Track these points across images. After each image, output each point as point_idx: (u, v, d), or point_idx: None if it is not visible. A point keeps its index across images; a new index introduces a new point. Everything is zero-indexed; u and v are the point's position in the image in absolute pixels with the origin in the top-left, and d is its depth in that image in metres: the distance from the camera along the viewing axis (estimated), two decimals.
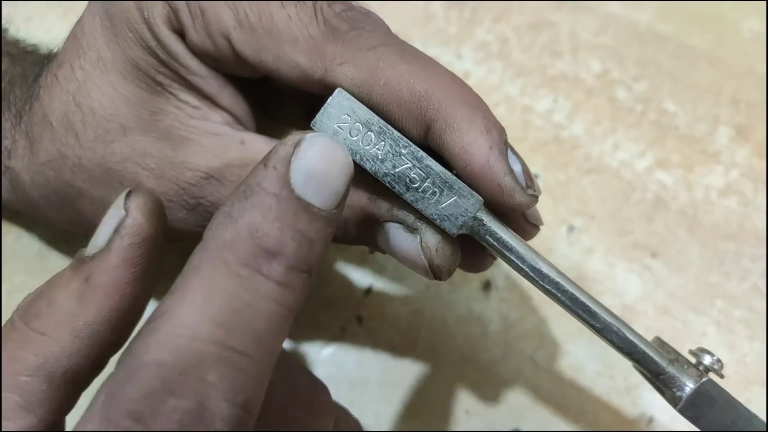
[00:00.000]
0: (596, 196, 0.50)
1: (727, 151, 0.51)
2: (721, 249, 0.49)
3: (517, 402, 0.45)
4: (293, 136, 0.25)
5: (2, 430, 0.25)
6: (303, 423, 0.31)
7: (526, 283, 0.47)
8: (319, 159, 0.24)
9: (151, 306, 0.28)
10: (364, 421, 0.44)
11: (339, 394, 0.45)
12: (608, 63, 0.54)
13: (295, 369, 0.33)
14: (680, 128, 0.52)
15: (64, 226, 0.39)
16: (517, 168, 0.29)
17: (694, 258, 0.48)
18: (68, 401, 0.27)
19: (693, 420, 0.29)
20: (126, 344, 0.27)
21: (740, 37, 0.55)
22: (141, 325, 0.24)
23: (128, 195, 0.28)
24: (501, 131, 0.29)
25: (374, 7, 0.32)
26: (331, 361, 0.46)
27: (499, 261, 0.47)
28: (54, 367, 0.26)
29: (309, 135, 0.25)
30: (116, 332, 0.28)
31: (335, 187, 0.25)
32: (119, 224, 0.27)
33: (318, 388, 0.34)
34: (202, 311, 0.23)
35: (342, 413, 0.37)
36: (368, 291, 0.47)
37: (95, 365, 0.28)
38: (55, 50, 0.36)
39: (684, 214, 0.50)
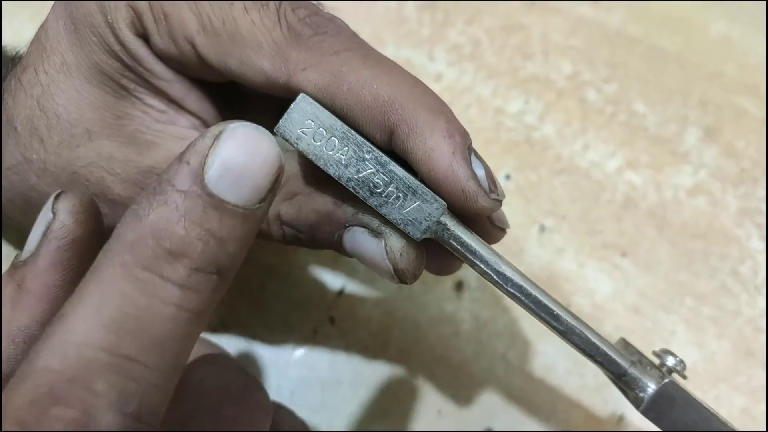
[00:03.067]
0: (567, 197, 0.50)
1: (696, 152, 0.52)
2: (690, 248, 0.49)
3: (489, 401, 0.46)
4: (216, 126, 0.24)
5: None
6: (237, 422, 0.31)
7: None
8: (238, 151, 0.23)
9: None
10: (337, 422, 0.45)
11: (311, 396, 0.45)
12: (579, 65, 0.54)
13: (228, 367, 0.33)
14: (649, 129, 0.52)
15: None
16: (480, 172, 0.29)
17: (664, 257, 0.49)
18: None
19: (655, 421, 0.29)
20: None
21: (708, 39, 0.55)
22: None
23: (57, 197, 0.27)
24: (464, 135, 0.29)
25: (347, 9, 0.32)
26: (303, 363, 0.46)
27: None
28: None
29: (231, 125, 0.23)
30: None
31: (256, 182, 0.23)
32: (47, 227, 0.27)
33: (252, 386, 0.33)
34: (95, 316, 0.22)
35: (284, 412, 0.37)
36: (341, 292, 0.47)
37: None
38: (20, 53, 0.35)
39: (653, 213, 0.50)
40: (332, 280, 0.48)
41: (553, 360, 0.46)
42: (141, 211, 0.23)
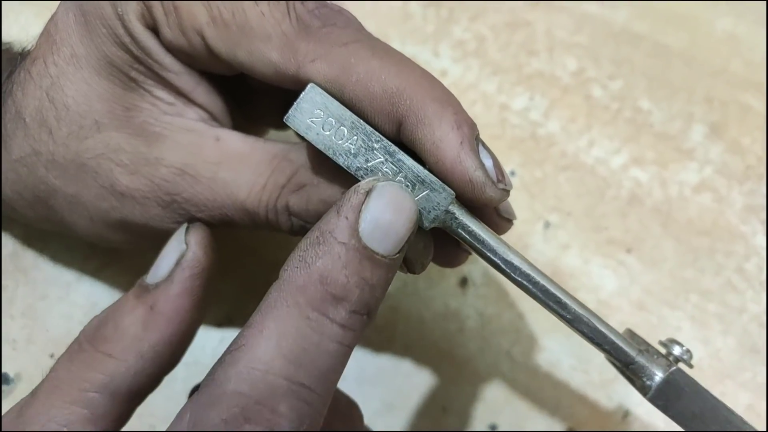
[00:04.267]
0: (572, 193, 0.50)
1: (701, 148, 0.52)
2: (695, 245, 0.49)
3: (493, 397, 0.46)
4: (366, 183, 0.27)
5: None
6: None
7: (502, 280, 0.47)
8: (387, 209, 0.27)
9: None
10: None
11: None
12: (584, 61, 0.54)
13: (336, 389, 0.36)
14: (655, 126, 0.52)
15: (39, 224, 0.39)
16: (488, 163, 0.29)
17: (669, 254, 0.49)
18: (127, 414, 0.30)
19: (662, 408, 0.29)
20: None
21: (714, 36, 0.55)
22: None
23: (187, 230, 0.32)
24: (472, 126, 0.29)
25: (352, 6, 0.32)
26: None
27: (476, 258, 0.48)
28: (120, 385, 0.29)
29: (380, 184, 0.27)
30: (175, 354, 0.31)
31: (399, 236, 0.27)
32: (180, 257, 0.31)
33: (352, 404, 0.36)
34: (276, 348, 0.25)
35: (342, 393, 0.39)
36: None
37: (154, 383, 0.31)
38: (29, 47, 0.35)
39: (658, 210, 0.50)
40: None
41: (558, 356, 0.46)
42: (308, 257, 0.26)
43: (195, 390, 0.28)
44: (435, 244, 0.31)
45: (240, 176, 0.32)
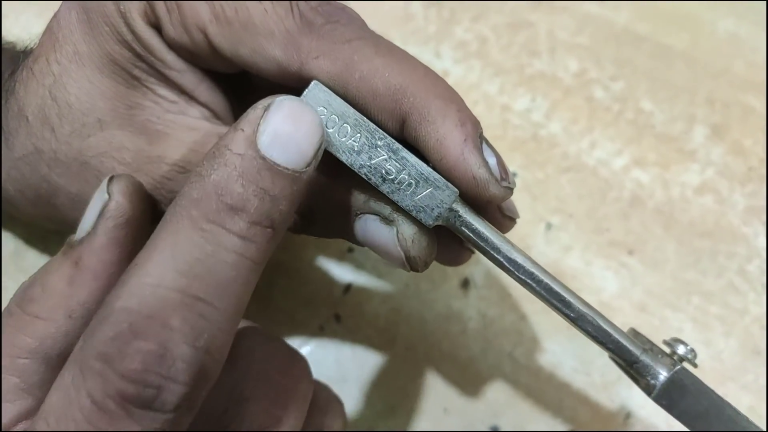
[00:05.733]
0: (574, 194, 0.50)
1: (703, 150, 0.52)
2: (697, 246, 0.49)
3: (495, 399, 0.45)
4: (265, 100, 0.27)
5: (2, 411, 0.27)
6: (285, 389, 0.32)
7: (504, 281, 0.47)
8: (285, 120, 0.26)
9: None
10: None
11: None
12: (586, 62, 0.54)
13: (272, 338, 0.34)
14: (656, 127, 0.52)
15: (40, 222, 0.39)
16: (491, 160, 0.29)
17: (670, 255, 0.49)
18: None
19: (667, 408, 0.29)
20: None
21: (716, 37, 0.56)
22: None
23: (110, 180, 0.29)
24: (475, 124, 0.29)
25: (353, 7, 0.32)
26: (309, 359, 0.45)
27: (479, 259, 0.48)
28: (50, 348, 0.28)
29: (279, 98, 0.26)
30: None
31: (302, 147, 0.26)
32: (103, 207, 0.29)
33: (296, 356, 0.34)
34: (168, 262, 0.24)
35: (319, 384, 0.38)
36: (347, 289, 0.47)
37: None
38: (31, 46, 0.35)
39: (660, 211, 0.50)
40: (339, 276, 0.48)
41: (560, 358, 0.46)
42: (203, 171, 0.25)
43: None
44: (438, 242, 0.31)
45: None
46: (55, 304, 0.28)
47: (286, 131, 0.26)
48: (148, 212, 0.31)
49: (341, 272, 0.48)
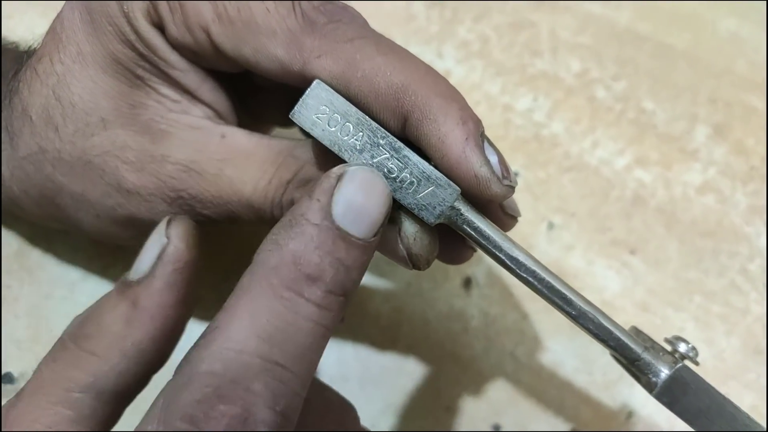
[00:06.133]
0: (576, 194, 0.50)
1: (705, 149, 0.52)
2: (699, 246, 0.49)
3: (497, 397, 0.46)
4: (338, 168, 0.27)
5: None
6: None
7: (506, 280, 0.48)
8: (359, 191, 0.27)
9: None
10: None
11: None
12: (587, 62, 0.54)
13: (329, 389, 0.35)
14: (658, 127, 0.52)
15: (44, 222, 0.39)
16: (493, 159, 0.29)
17: (672, 255, 0.49)
18: (114, 416, 0.30)
19: (668, 405, 0.29)
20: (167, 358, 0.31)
21: (718, 36, 0.56)
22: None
23: (169, 222, 0.30)
24: (477, 122, 0.29)
25: (355, 6, 0.32)
26: None
27: (481, 258, 0.48)
28: (104, 384, 0.28)
29: (352, 168, 0.27)
30: (160, 351, 0.30)
31: (373, 217, 0.27)
32: (161, 251, 0.30)
33: (347, 407, 0.35)
34: (249, 327, 0.25)
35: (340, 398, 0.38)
36: None
37: (140, 382, 0.30)
38: (35, 46, 0.36)
39: (662, 211, 0.50)
40: None
41: (562, 357, 0.46)
42: (281, 240, 0.26)
43: None
44: (440, 240, 0.31)
45: (245, 173, 0.32)
46: (111, 343, 0.29)
47: (359, 202, 0.27)
48: (202, 255, 0.31)
49: None
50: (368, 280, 0.48)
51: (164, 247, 0.30)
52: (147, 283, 0.29)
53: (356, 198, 0.27)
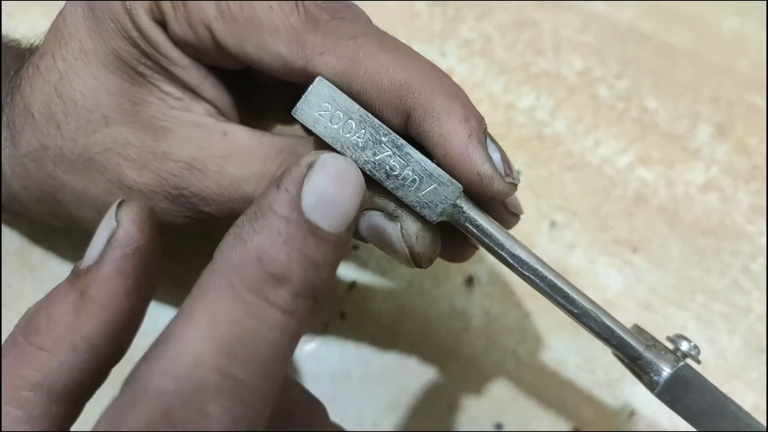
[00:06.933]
0: (578, 192, 0.50)
1: (707, 148, 0.52)
2: (701, 244, 0.49)
3: (499, 396, 0.45)
4: (308, 156, 0.25)
5: None
6: None
7: (508, 279, 0.47)
8: (331, 181, 0.24)
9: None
10: (347, 415, 0.44)
11: (321, 390, 0.45)
12: (590, 61, 0.54)
13: (294, 386, 0.33)
14: (661, 125, 0.52)
15: (46, 219, 0.39)
16: (495, 156, 0.29)
17: (675, 253, 0.49)
18: (70, 414, 0.27)
19: (670, 404, 0.29)
20: (122, 357, 0.28)
21: (720, 35, 0.55)
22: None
23: (119, 205, 0.27)
24: (480, 120, 0.29)
25: (358, 4, 0.32)
26: (313, 357, 0.46)
27: (483, 256, 0.48)
28: (54, 381, 0.26)
29: (323, 155, 0.25)
30: (115, 345, 0.27)
31: (346, 210, 0.25)
32: (111, 235, 0.27)
33: (315, 405, 0.34)
34: (207, 337, 0.22)
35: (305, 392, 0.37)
36: (351, 286, 0.47)
37: (95, 378, 0.27)
38: (37, 43, 0.36)
39: (664, 209, 0.50)
40: (343, 273, 0.48)
41: (564, 355, 0.46)
42: (244, 234, 0.24)
43: None
44: (442, 238, 0.31)
45: (247, 170, 0.32)
46: (60, 336, 0.26)
47: (331, 193, 0.24)
48: (159, 239, 0.29)
49: (345, 269, 0.48)
50: (370, 278, 0.48)
51: (113, 231, 0.27)
52: (95, 271, 0.27)
53: (328, 189, 0.24)
